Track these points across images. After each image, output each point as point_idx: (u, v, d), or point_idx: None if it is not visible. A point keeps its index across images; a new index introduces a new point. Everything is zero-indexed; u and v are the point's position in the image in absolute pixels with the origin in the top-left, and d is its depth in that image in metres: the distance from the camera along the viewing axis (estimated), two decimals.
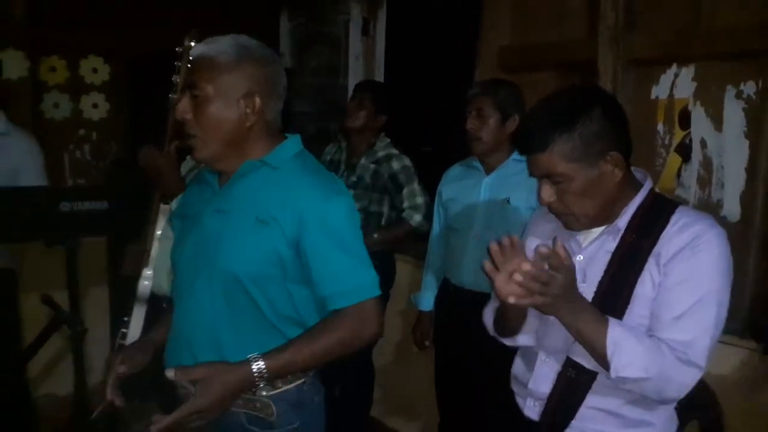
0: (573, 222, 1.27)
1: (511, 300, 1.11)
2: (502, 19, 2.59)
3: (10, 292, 2.44)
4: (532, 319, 1.37)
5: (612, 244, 1.27)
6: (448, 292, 2.29)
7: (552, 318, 1.20)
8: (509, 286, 1.16)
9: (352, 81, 3.22)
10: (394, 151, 2.67)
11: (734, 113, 1.98)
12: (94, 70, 3.18)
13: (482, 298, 1.54)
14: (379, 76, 3.28)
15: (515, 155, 2.13)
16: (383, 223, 2.70)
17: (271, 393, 1.29)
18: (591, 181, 1.22)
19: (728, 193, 2.01)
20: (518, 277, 1.08)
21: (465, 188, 2.23)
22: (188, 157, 2.09)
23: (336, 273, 1.25)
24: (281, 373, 1.24)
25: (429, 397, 2.56)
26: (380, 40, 3.27)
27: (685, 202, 2.10)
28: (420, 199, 2.62)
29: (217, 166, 1.33)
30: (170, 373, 1.20)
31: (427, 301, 2.42)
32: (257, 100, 1.26)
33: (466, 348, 2.15)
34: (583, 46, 2.27)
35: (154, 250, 1.97)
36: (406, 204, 2.62)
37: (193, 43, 1.46)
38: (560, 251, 1.09)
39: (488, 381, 2.17)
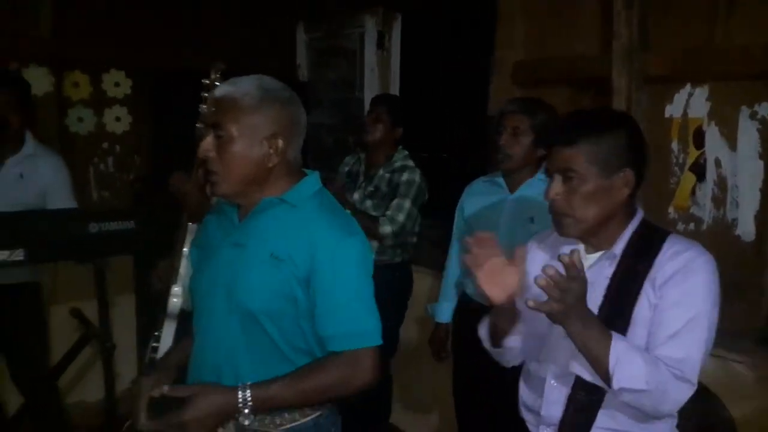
0: (570, 225, 1.33)
1: (530, 304, 1.15)
2: (516, 34, 2.60)
3: (36, 304, 2.52)
4: (519, 331, 1.42)
5: (609, 270, 1.33)
6: (468, 307, 2.30)
7: (555, 343, 1.26)
8: (492, 288, 1.29)
9: (368, 93, 3.25)
10: (410, 164, 2.71)
11: (749, 134, 2.00)
12: (116, 84, 3.24)
13: None
14: (394, 89, 3.30)
15: (540, 175, 2.12)
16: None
17: (288, 426, 1.33)
18: (601, 188, 1.30)
19: (743, 213, 2.03)
20: (541, 280, 1.13)
21: (488, 205, 2.24)
22: None
23: (338, 315, 1.27)
24: (265, 405, 1.26)
25: (447, 406, 2.60)
26: (395, 53, 3.30)
27: (700, 221, 2.12)
28: (402, 218, 2.58)
29: (236, 200, 1.37)
30: (165, 389, 1.26)
31: (444, 312, 2.44)
32: (279, 141, 1.29)
33: (484, 364, 2.17)
34: (596, 63, 2.29)
35: (183, 268, 2.05)
36: (388, 213, 2.59)
37: (218, 75, 1.52)
38: (577, 263, 1.14)
39: (506, 399, 2.22)
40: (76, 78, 3.14)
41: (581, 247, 1.38)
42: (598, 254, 1.36)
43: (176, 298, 2.04)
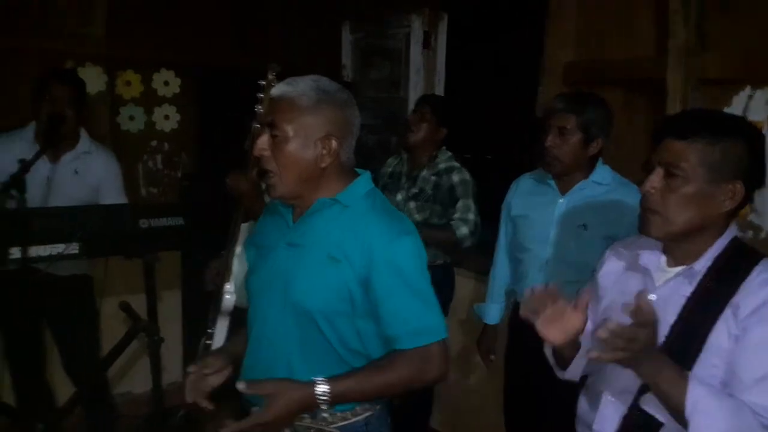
0: (657, 225, 1.23)
1: (592, 355, 1.10)
2: (567, 34, 2.56)
3: (88, 296, 2.59)
4: (582, 355, 1.37)
5: (688, 288, 1.24)
6: (518, 312, 2.26)
7: None
8: (551, 330, 1.23)
9: (413, 94, 3.24)
10: (456, 164, 2.69)
11: None
12: (166, 83, 3.32)
13: None
14: (440, 89, 3.29)
15: (594, 177, 2.03)
16: None
17: (341, 424, 1.34)
18: (702, 195, 1.20)
19: None
20: (603, 333, 1.07)
21: (537, 206, 2.13)
22: None
23: (403, 314, 1.28)
24: (341, 398, 1.28)
25: (488, 410, 2.58)
26: (441, 53, 3.28)
27: (758, 229, 2.05)
28: (472, 216, 2.60)
29: (291, 201, 1.38)
30: (241, 386, 1.27)
31: (492, 314, 2.38)
32: (333, 142, 1.30)
33: (538, 373, 2.12)
34: (651, 64, 2.24)
35: (235, 266, 2.09)
36: (456, 215, 2.59)
37: (274, 75, 1.55)
38: (646, 307, 1.08)
39: (560, 410, 2.17)
40: (129, 77, 3.23)
41: (662, 258, 1.30)
42: (679, 269, 1.26)
43: (229, 295, 2.08)
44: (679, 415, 1.14)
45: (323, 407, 1.27)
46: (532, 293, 1.26)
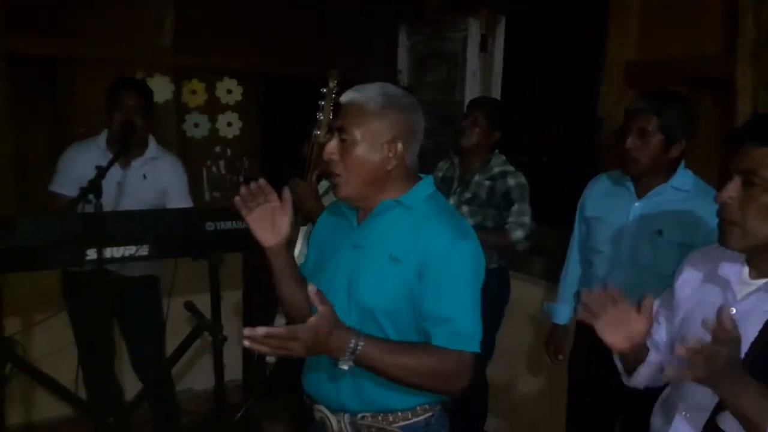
0: (736, 236, 1.17)
1: (669, 373, 1.06)
2: (629, 32, 2.50)
3: (155, 297, 2.70)
4: (654, 362, 1.33)
5: None
6: None
7: None
8: (613, 335, 1.19)
9: (469, 97, 3.22)
10: (510, 168, 2.67)
11: None
12: (229, 91, 3.43)
13: None
14: (496, 92, 3.26)
15: (674, 182, 1.95)
16: None
17: (402, 424, 1.36)
18: None
19: None
20: (682, 351, 1.03)
21: (611, 208, 2.08)
22: (323, 179, 2.25)
23: (445, 314, 1.29)
24: (367, 361, 1.24)
25: (543, 415, 2.54)
26: (498, 55, 3.25)
27: None
28: (527, 219, 2.58)
29: (357, 203, 1.42)
30: (311, 288, 1.21)
31: (562, 314, 2.35)
32: (399, 145, 1.34)
33: (604, 378, 2.08)
34: (719, 63, 2.17)
35: None
36: (511, 219, 2.58)
37: (334, 83, 1.59)
38: (727, 324, 1.02)
39: (627, 418, 2.10)
40: (194, 86, 3.35)
41: (744, 270, 1.23)
42: (762, 281, 1.19)
43: None
44: None
45: (348, 356, 1.22)
46: (589, 295, 1.22)
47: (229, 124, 3.45)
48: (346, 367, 1.24)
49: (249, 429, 2.88)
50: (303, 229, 2.22)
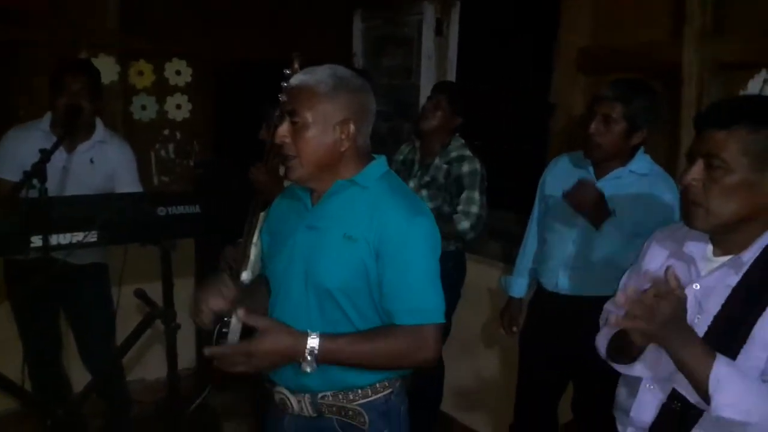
0: (700, 217, 1.20)
1: (611, 320, 1.10)
2: (581, 20, 2.54)
3: (104, 284, 2.62)
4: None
5: (734, 279, 1.21)
6: (541, 297, 2.25)
7: (658, 348, 1.17)
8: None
9: (425, 81, 3.24)
10: (468, 153, 2.68)
11: None
12: (178, 73, 3.33)
13: (579, 303, 1.49)
14: (451, 77, 3.28)
15: (632, 166, 2.02)
16: None
17: (362, 401, 1.39)
18: (747, 184, 1.16)
19: None
20: (620, 298, 1.07)
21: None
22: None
23: (405, 291, 1.32)
24: (329, 357, 1.30)
25: (498, 395, 2.59)
26: (453, 40, 3.26)
27: None
28: (475, 209, 2.58)
29: (310, 185, 1.42)
30: (240, 313, 1.28)
31: (518, 287, 2.41)
32: (351, 126, 1.35)
33: (560, 357, 2.13)
34: (667, 49, 2.22)
35: (253, 254, 2.10)
36: (460, 207, 2.59)
37: (297, 66, 1.57)
38: (671, 280, 1.06)
39: (583, 398, 2.17)
40: (141, 67, 3.24)
41: (708, 247, 1.27)
42: (725, 258, 1.23)
43: (246, 282, 2.10)
44: (703, 392, 1.13)
45: (308, 359, 1.27)
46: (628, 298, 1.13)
47: (179, 107, 3.36)
48: (309, 369, 1.29)
49: (205, 418, 2.84)
50: (263, 215, 2.18)
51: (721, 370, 1.11)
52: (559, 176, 2.20)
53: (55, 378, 2.69)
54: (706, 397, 1.13)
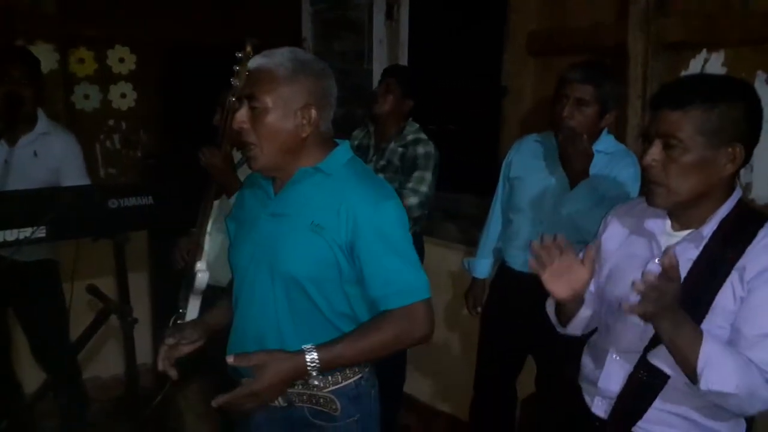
0: (661, 196, 1.24)
1: (625, 308, 1.13)
2: (529, 3, 2.58)
3: (54, 281, 2.53)
4: (587, 310, 1.41)
5: (694, 252, 1.26)
6: (506, 275, 2.29)
7: (629, 318, 1.21)
8: (557, 285, 1.25)
9: (377, 65, 3.23)
10: (423, 137, 2.70)
11: (764, 98, 1.99)
12: (121, 60, 3.21)
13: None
14: (403, 60, 3.28)
15: (598, 146, 2.05)
16: None
17: (333, 388, 1.37)
18: (704, 161, 1.20)
19: (757, 176, 2.05)
20: (640, 286, 1.10)
21: (537, 169, 2.16)
22: (236, 150, 2.17)
23: (387, 276, 1.31)
24: (331, 365, 1.31)
25: (461, 375, 2.64)
26: (404, 23, 3.26)
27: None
28: (424, 188, 2.58)
29: (272, 173, 1.39)
30: (230, 359, 1.29)
31: (482, 268, 2.44)
32: (313, 111, 1.32)
33: (521, 333, 2.18)
34: (612, 30, 2.28)
35: (207, 244, 2.07)
36: (409, 185, 2.59)
37: (250, 48, 1.53)
38: (673, 261, 1.10)
39: (547, 371, 2.22)
40: (81, 54, 3.11)
41: (667, 223, 1.31)
42: (685, 233, 1.28)
43: (201, 273, 2.06)
44: (690, 370, 1.17)
45: (313, 374, 1.29)
46: (539, 246, 1.26)
47: (123, 96, 3.24)
48: (317, 382, 1.33)
49: (165, 413, 2.79)
50: (217, 203, 2.14)
51: (710, 349, 1.15)
52: (525, 157, 2.23)
53: (5, 380, 2.59)
54: (693, 375, 1.17)
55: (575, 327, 1.46)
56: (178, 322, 2.07)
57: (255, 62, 1.34)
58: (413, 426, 3.12)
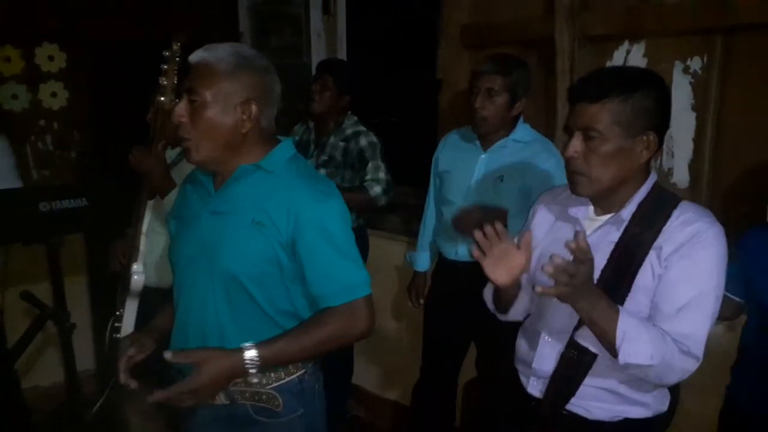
0: (584, 185, 1.31)
1: (538, 290, 1.18)
2: None
3: None
4: (524, 296, 1.46)
5: (615, 235, 1.33)
6: (443, 266, 2.36)
7: (555, 300, 1.26)
8: (497, 271, 1.30)
9: (315, 59, 3.22)
10: (362, 128, 2.72)
11: (682, 87, 2.11)
12: (50, 58, 3.10)
13: (478, 269, 1.57)
14: (342, 54, 3.29)
15: (515, 135, 2.15)
16: None
17: (275, 385, 1.38)
18: (621, 151, 1.26)
19: (678, 162, 2.16)
20: (549, 268, 1.14)
21: (460, 161, 2.25)
22: (169, 149, 2.13)
23: (329, 273, 1.32)
24: (272, 362, 1.31)
25: (408, 365, 2.69)
26: (341, 17, 3.27)
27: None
28: (383, 175, 2.65)
29: (211, 168, 1.38)
30: (168, 355, 1.27)
31: (422, 261, 2.51)
32: (254, 107, 1.31)
33: (462, 320, 2.25)
34: (540, 24, 2.36)
35: (143, 245, 2.03)
36: (368, 177, 2.65)
37: (177, 46, 1.51)
38: (583, 244, 1.15)
39: (485, 356, 2.30)
40: (7, 52, 2.99)
41: (590, 208, 1.38)
42: (606, 217, 1.34)
43: (137, 275, 2.03)
44: (610, 345, 1.23)
45: (252, 371, 1.29)
46: (480, 235, 1.31)
47: (54, 95, 3.14)
48: (257, 380, 1.32)
49: (109, 419, 2.74)
50: (150, 203, 2.11)
51: (626, 323, 1.21)
52: (450, 151, 2.32)
53: None
54: (612, 349, 1.23)
55: (516, 313, 1.52)
56: (116, 325, 2.03)
57: (196, 56, 1.32)
58: (362, 416, 3.16)
